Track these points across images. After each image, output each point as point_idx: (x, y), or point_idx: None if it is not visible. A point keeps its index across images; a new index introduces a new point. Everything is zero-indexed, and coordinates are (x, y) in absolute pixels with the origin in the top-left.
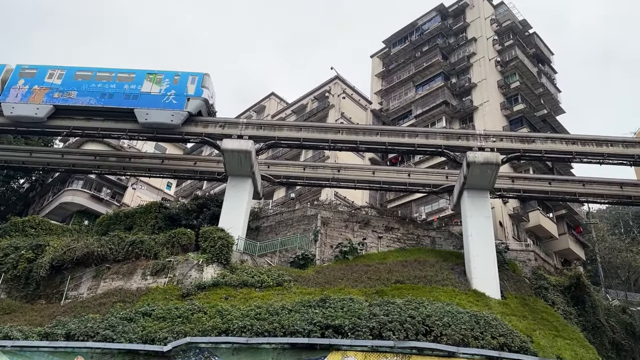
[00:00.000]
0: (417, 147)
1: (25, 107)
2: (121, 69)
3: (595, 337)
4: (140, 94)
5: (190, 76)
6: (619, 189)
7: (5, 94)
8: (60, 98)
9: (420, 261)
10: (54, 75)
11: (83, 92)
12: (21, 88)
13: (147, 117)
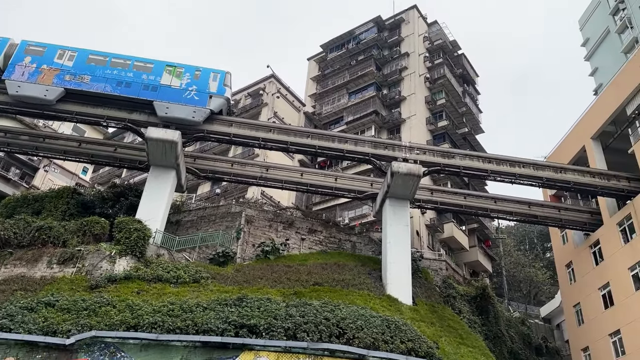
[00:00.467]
0: (346, 153)
1: (33, 87)
2: (138, 57)
3: (495, 346)
4: (160, 86)
5: (212, 73)
6: (527, 208)
7: (10, 71)
8: (72, 81)
9: (340, 265)
10: (64, 56)
11: (97, 77)
12: (28, 66)
13: (167, 111)
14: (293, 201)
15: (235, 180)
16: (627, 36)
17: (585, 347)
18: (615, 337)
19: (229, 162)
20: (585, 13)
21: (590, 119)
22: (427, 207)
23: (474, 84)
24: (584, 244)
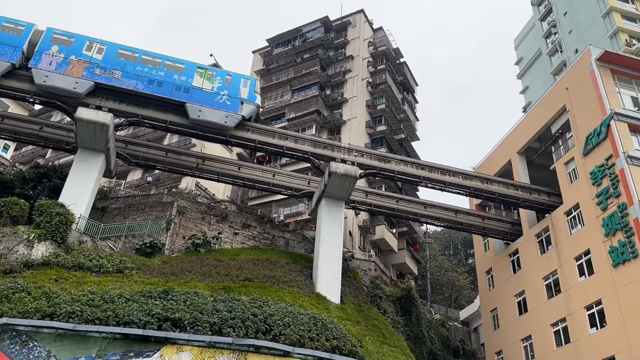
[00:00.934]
0: (286, 149)
1: (62, 78)
2: (169, 57)
3: (416, 346)
4: (192, 88)
5: (242, 78)
6: (454, 215)
7: (37, 59)
8: (102, 76)
9: (272, 261)
10: (92, 48)
11: (128, 74)
12: (56, 56)
13: (200, 115)
14: (229, 194)
15: (169, 170)
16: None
17: (499, 350)
18: (527, 342)
19: (163, 150)
20: (521, 33)
21: (518, 134)
22: (361, 209)
23: (413, 93)
24: (504, 253)
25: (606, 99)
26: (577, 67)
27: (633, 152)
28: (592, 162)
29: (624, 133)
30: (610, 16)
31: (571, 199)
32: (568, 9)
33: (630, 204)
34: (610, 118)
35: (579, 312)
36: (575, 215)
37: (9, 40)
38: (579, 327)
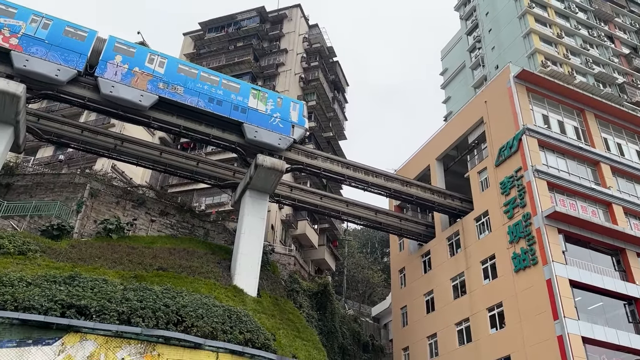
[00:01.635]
0: (212, 138)
1: (127, 90)
2: (225, 76)
3: (328, 340)
4: (248, 108)
5: (291, 102)
6: (374, 215)
7: (102, 69)
8: (166, 90)
9: (189, 251)
10: (154, 61)
11: (189, 90)
12: (120, 66)
13: (256, 135)
14: (147, 180)
15: (84, 149)
16: (479, 73)
17: (406, 346)
18: (432, 339)
19: (79, 127)
20: (448, 45)
21: (438, 141)
22: (285, 203)
23: (343, 92)
24: (417, 253)
25: (520, 114)
26: (496, 83)
27: (540, 167)
28: (502, 173)
29: (533, 148)
30: (530, 37)
31: (481, 206)
32: (493, 26)
33: (534, 215)
34: (522, 133)
35: (481, 313)
36: (484, 222)
37: (74, 46)
38: (480, 327)
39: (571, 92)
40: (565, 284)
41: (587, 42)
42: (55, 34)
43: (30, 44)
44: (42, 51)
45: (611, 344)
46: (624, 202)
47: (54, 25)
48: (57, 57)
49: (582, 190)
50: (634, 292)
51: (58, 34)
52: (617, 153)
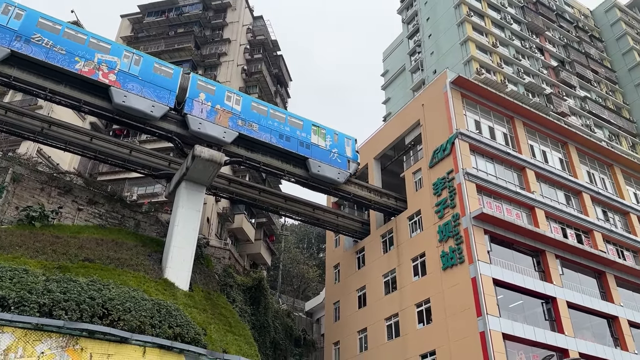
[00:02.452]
0: (148, 126)
1: (212, 127)
2: (290, 113)
3: (260, 335)
4: (311, 144)
5: (345, 138)
6: (312, 211)
7: (190, 106)
8: (244, 127)
9: (118, 242)
10: (232, 99)
11: (262, 126)
12: (204, 104)
13: (319, 170)
14: (76, 166)
15: (8, 131)
16: (417, 76)
17: (337, 341)
18: (362, 334)
19: (3, 108)
20: (390, 47)
21: (376, 141)
22: (222, 196)
23: (286, 87)
24: (352, 249)
25: (454, 119)
26: (433, 87)
27: (470, 170)
28: (435, 174)
29: (465, 152)
30: (467, 45)
31: (415, 206)
32: (433, 31)
33: (463, 215)
34: (455, 137)
35: (409, 308)
36: (416, 221)
37: (164, 82)
38: (408, 323)
39: (502, 100)
40: (489, 283)
41: (520, 53)
42: (146, 70)
43: (127, 80)
44: (138, 87)
45: (529, 340)
46: (545, 207)
47: (144, 61)
48: (150, 94)
49: (508, 194)
50: (551, 292)
51: (149, 70)
52: (541, 160)
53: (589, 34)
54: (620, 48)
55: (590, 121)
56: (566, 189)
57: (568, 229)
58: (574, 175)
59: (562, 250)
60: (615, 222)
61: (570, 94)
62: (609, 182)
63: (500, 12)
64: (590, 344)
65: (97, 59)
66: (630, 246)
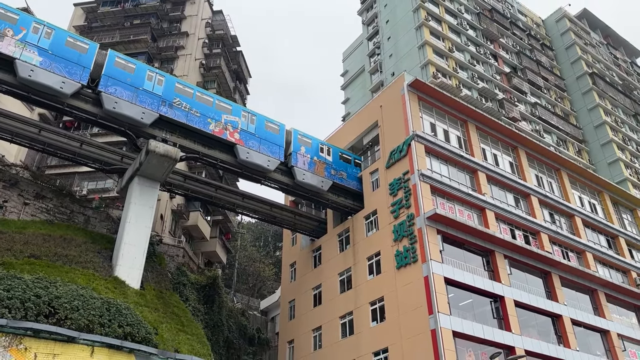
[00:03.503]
0: (100, 118)
1: (313, 177)
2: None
3: (214, 334)
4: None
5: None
6: (269, 209)
7: (295, 159)
8: (335, 176)
9: (66, 238)
10: (324, 150)
11: (349, 174)
12: (304, 156)
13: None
14: (23, 159)
15: None
16: (376, 78)
17: (291, 339)
18: (317, 332)
19: None
20: (350, 47)
21: (335, 141)
22: (177, 193)
23: (245, 83)
24: (309, 248)
25: (411, 121)
26: (391, 89)
27: (425, 171)
28: (392, 175)
29: (420, 153)
30: (424, 49)
31: (371, 205)
32: (392, 34)
33: (417, 215)
34: (411, 139)
35: (364, 306)
36: (372, 220)
37: (274, 139)
38: (362, 321)
39: (457, 103)
40: (441, 281)
41: (474, 58)
42: (260, 127)
43: (247, 138)
44: (256, 144)
45: (478, 338)
46: (495, 208)
47: (258, 119)
48: (266, 150)
49: (461, 195)
50: (500, 291)
51: (262, 127)
52: (492, 163)
53: (540, 42)
54: (569, 57)
55: (539, 126)
56: (515, 191)
57: (516, 230)
58: (523, 179)
59: (511, 251)
60: (561, 224)
61: (521, 100)
62: (556, 186)
63: (457, 18)
64: (535, 342)
65: (223, 120)
66: (574, 247)
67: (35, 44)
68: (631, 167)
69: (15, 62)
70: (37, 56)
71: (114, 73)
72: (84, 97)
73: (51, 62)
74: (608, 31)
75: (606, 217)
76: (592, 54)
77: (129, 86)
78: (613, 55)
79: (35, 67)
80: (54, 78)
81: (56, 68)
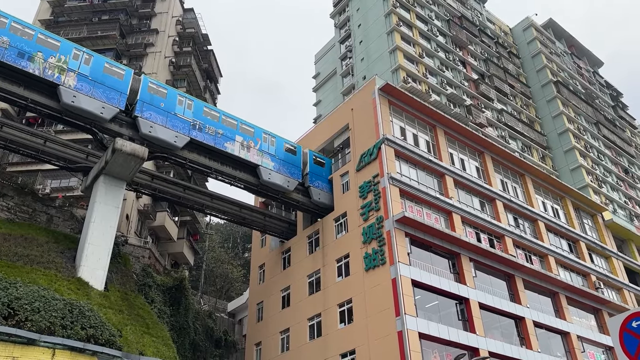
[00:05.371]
0: (65, 115)
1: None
2: None
3: (179, 337)
4: None
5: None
6: (238, 210)
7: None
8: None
9: (27, 238)
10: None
11: (293, 173)
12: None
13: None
14: None
15: None
16: (348, 81)
17: (258, 342)
18: (285, 334)
19: None
20: (322, 50)
21: (306, 143)
22: (144, 192)
23: (216, 83)
24: (278, 250)
25: (381, 125)
26: (362, 93)
27: (395, 175)
28: (362, 178)
29: (390, 157)
30: (395, 54)
31: (341, 208)
32: (364, 38)
33: (386, 218)
34: (381, 142)
35: (332, 308)
36: (342, 222)
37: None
38: (330, 322)
39: (426, 108)
40: (408, 284)
41: (444, 65)
42: (279, 150)
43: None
44: (277, 166)
45: (443, 340)
46: (462, 212)
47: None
48: (285, 171)
49: (428, 199)
50: (465, 293)
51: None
52: (460, 167)
53: (507, 50)
54: (535, 65)
55: (505, 133)
56: (481, 195)
57: (482, 233)
58: (488, 183)
59: (476, 254)
60: (524, 229)
61: (488, 106)
62: (520, 191)
63: (428, 24)
64: (498, 343)
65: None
66: (537, 251)
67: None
68: (592, 173)
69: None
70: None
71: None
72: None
73: (279, 166)
74: (572, 41)
75: (568, 222)
76: (557, 63)
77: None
78: (577, 64)
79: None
80: (282, 178)
81: (282, 171)
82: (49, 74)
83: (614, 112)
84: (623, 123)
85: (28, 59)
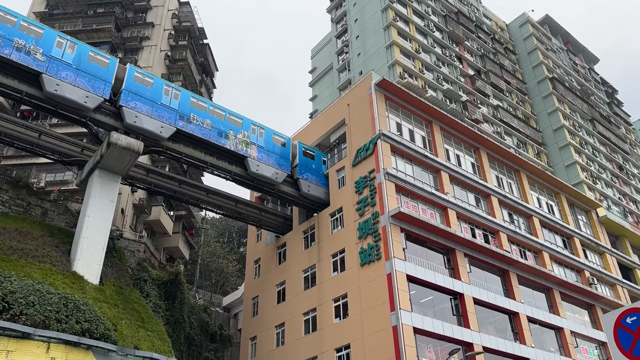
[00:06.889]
0: (59, 108)
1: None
2: None
3: (174, 331)
4: None
5: None
6: (234, 205)
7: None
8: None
9: (22, 232)
10: None
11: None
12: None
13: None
14: None
15: None
16: (344, 76)
17: (253, 336)
18: (280, 329)
19: None
20: (319, 45)
21: (302, 138)
22: (139, 187)
23: (212, 77)
24: (273, 244)
25: (377, 120)
26: (359, 88)
27: (391, 170)
28: (358, 173)
29: (386, 152)
30: (392, 49)
31: (337, 203)
32: (360, 33)
33: (382, 214)
34: (378, 137)
35: (327, 303)
36: (338, 217)
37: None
38: (325, 317)
39: (422, 104)
40: (403, 279)
41: (440, 60)
42: (268, 140)
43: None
44: (265, 157)
45: (437, 334)
46: (457, 208)
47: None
48: (274, 162)
49: (424, 194)
50: (459, 288)
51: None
52: (455, 163)
53: (504, 46)
54: (531, 61)
55: (501, 129)
56: (476, 191)
57: (477, 229)
58: (484, 179)
59: (471, 249)
60: (519, 224)
61: (484, 102)
62: (515, 187)
63: (424, 20)
64: (493, 338)
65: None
66: (531, 247)
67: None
68: (587, 170)
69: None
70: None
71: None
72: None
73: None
74: (568, 37)
75: (562, 218)
76: (552, 59)
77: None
78: (572, 61)
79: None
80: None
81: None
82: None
83: (609, 109)
84: (618, 120)
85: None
